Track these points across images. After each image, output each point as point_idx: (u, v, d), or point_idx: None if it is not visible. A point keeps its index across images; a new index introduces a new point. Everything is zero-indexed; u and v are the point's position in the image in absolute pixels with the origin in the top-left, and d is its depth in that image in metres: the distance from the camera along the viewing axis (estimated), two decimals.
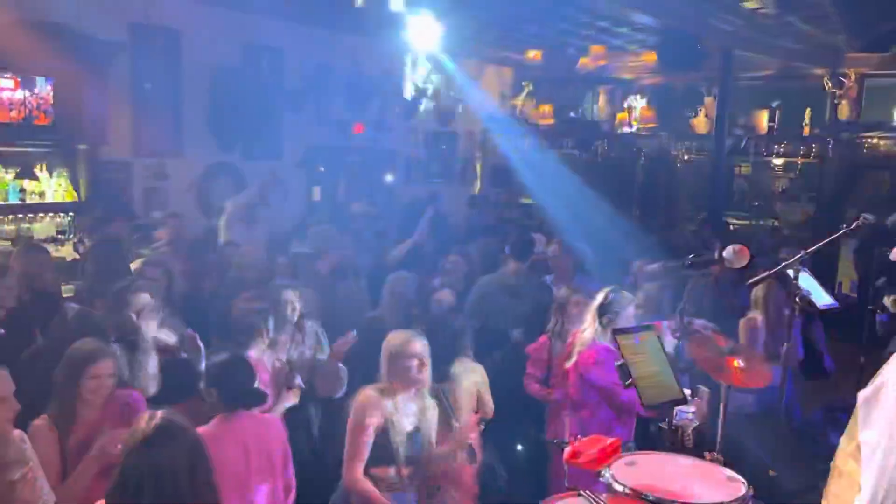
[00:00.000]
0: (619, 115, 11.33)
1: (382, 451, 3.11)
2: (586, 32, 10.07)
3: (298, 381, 3.74)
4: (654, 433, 3.00)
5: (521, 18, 9.48)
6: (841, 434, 2.08)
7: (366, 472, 3.13)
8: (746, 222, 11.58)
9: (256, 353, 3.69)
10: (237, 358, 3.13)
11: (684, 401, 2.67)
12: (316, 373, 3.92)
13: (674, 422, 2.85)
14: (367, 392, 3.19)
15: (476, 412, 3.57)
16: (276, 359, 3.87)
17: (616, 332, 2.73)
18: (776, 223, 11.48)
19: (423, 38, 8.22)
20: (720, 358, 3.07)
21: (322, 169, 10.44)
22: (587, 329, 3.86)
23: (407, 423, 3.18)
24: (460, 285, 5.16)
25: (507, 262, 5.30)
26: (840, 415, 3.93)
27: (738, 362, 3.03)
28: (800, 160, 10.93)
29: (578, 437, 2.53)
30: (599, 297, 3.86)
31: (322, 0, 7.19)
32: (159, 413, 2.17)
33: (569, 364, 3.90)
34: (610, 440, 2.54)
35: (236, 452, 2.86)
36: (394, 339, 3.26)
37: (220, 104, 8.47)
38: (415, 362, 3.17)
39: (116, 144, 7.57)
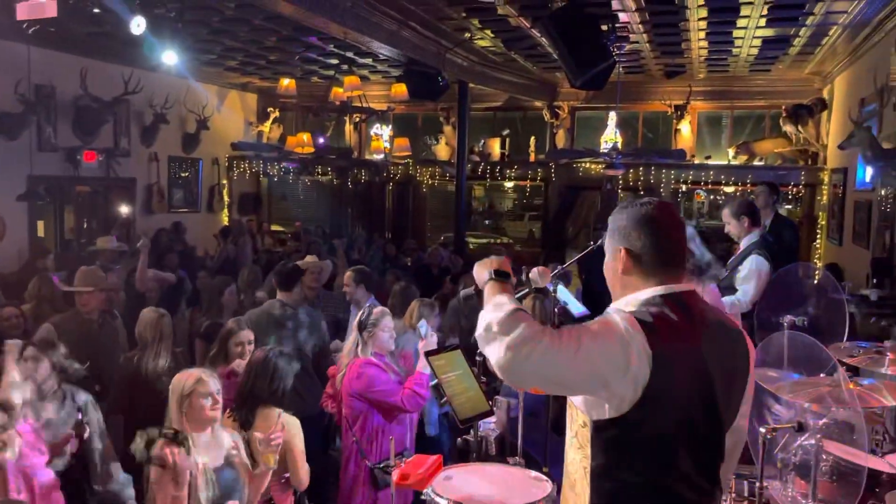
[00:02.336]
0: (373, 143, 11.71)
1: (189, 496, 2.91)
2: (332, 62, 10.28)
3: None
4: (460, 446, 3.17)
5: (263, 46, 9.39)
6: None
7: None
8: (484, 241, 12.59)
9: None
10: None
11: (491, 413, 2.88)
12: None
13: (478, 433, 3.06)
14: (160, 444, 2.96)
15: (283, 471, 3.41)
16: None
17: (427, 353, 2.87)
18: (507, 240, 12.70)
19: (162, 61, 7.75)
20: None
21: (47, 201, 9.35)
22: (349, 346, 4.06)
23: (207, 463, 3.01)
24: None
25: (274, 293, 5.18)
26: None
27: None
28: (528, 183, 12.17)
29: (404, 459, 2.61)
30: (357, 315, 4.09)
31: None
32: None
33: (338, 384, 4.03)
34: (432, 458, 2.66)
35: None
36: (184, 378, 3.08)
37: None
38: (209, 401, 3.03)
39: None
